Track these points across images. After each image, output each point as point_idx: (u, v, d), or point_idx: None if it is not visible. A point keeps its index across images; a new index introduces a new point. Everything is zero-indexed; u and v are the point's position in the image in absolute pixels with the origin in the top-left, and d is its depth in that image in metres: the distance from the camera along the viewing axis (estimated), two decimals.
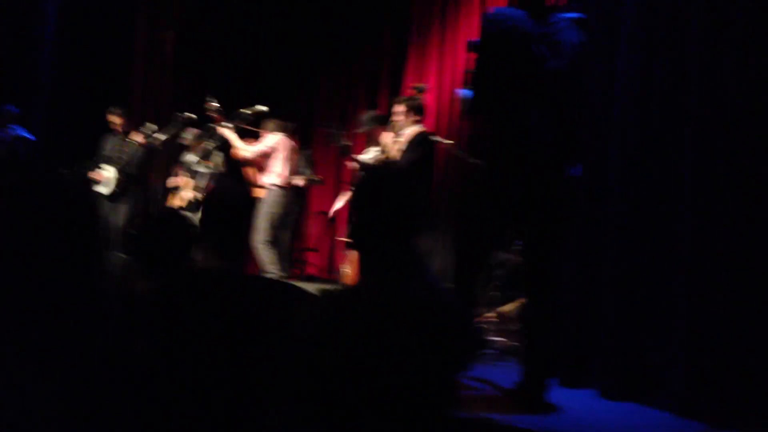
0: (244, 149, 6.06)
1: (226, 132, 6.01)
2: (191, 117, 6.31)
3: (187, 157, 6.60)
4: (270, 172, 6.05)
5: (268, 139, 6.12)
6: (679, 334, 3.27)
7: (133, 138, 6.25)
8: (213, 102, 5.88)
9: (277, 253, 5.98)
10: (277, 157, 6.03)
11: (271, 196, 5.98)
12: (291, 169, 6.10)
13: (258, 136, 6.28)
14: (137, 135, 6.25)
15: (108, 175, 6.28)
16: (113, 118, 6.38)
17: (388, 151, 4.63)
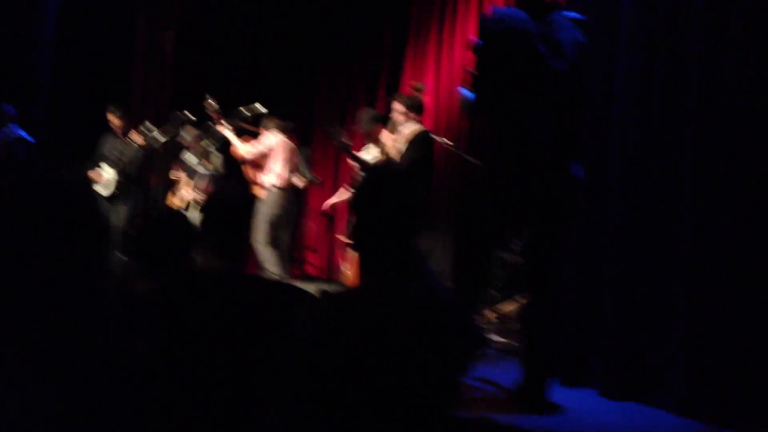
0: (243, 149, 6.06)
1: (226, 132, 6.01)
2: (190, 117, 6.31)
3: (187, 158, 6.60)
4: (269, 173, 6.05)
5: (267, 140, 6.12)
6: (679, 334, 3.27)
7: (133, 138, 6.24)
8: (212, 102, 5.88)
9: (277, 254, 5.98)
10: (275, 158, 6.03)
11: (270, 196, 5.98)
12: (290, 169, 6.10)
13: (257, 136, 6.27)
14: (136, 135, 6.24)
15: (107, 176, 6.28)
16: (112, 118, 6.38)
17: (388, 151, 4.63)
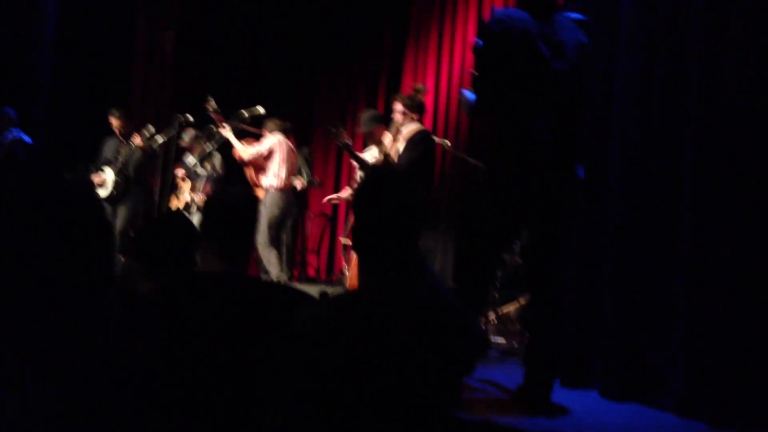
0: (242, 150, 6.06)
1: (226, 133, 6.01)
2: (190, 119, 6.30)
3: (186, 159, 6.60)
4: (267, 174, 6.05)
5: (266, 140, 6.12)
6: (679, 334, 3.27)
7: (133, 140, 6.24)
8: (212, 102, 5.88)
9: (278, 255, 5.99)
10: (274, 159, 6.03)
11: (269, 197, 5.98)
12: (289, 170, 6.10)
13: (260, 138, 6.27)
14: (136, 137, 6.24)
15: (106, 177, 6.28)
16: (113, 119, 6.38)
17: (387, 151, 4.63)
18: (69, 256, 1.12)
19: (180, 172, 6.64)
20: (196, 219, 6.12)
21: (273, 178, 6.00)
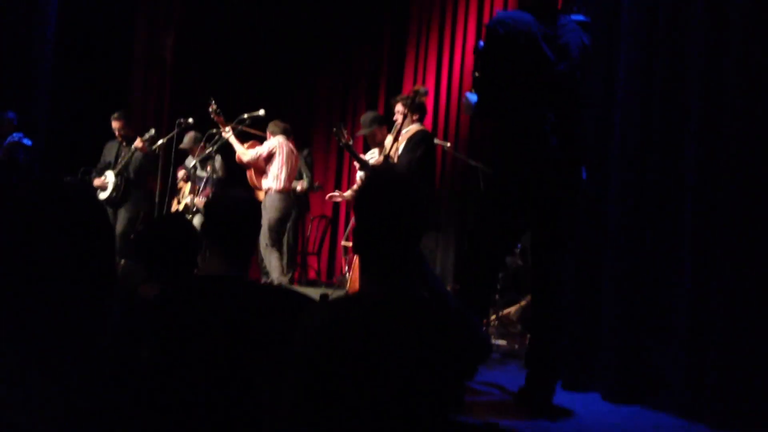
0: (243, 152, 6.06)
1: (227, 135, 6.00)
2: (190, 121, 6.30)
3: (187, 162, 6.60)
4: (267, 176, 6.05)
5: (267, 143, 6.12)
6: (679, 334, 3.27)
7: (134, 143, 6.24)
8: (214, 104, 5.87)
9: (279, 257, 5.98)
10: (274, 161, 6.03)
11: (268, 199, 5.98)
12: (289, 172, 6.09)
13: (263, 140, 6.27)
14: (138, 141, 6.23)
15: (107, 180, 6.28)
16: (114, 122, 6.38)
17: (388, 152, 4.63)
18: (70, 258, 1.12)
19: (181, 174, 6.64)
20: (196, 221, 6.12)
21: (273, 180, 5.99)
